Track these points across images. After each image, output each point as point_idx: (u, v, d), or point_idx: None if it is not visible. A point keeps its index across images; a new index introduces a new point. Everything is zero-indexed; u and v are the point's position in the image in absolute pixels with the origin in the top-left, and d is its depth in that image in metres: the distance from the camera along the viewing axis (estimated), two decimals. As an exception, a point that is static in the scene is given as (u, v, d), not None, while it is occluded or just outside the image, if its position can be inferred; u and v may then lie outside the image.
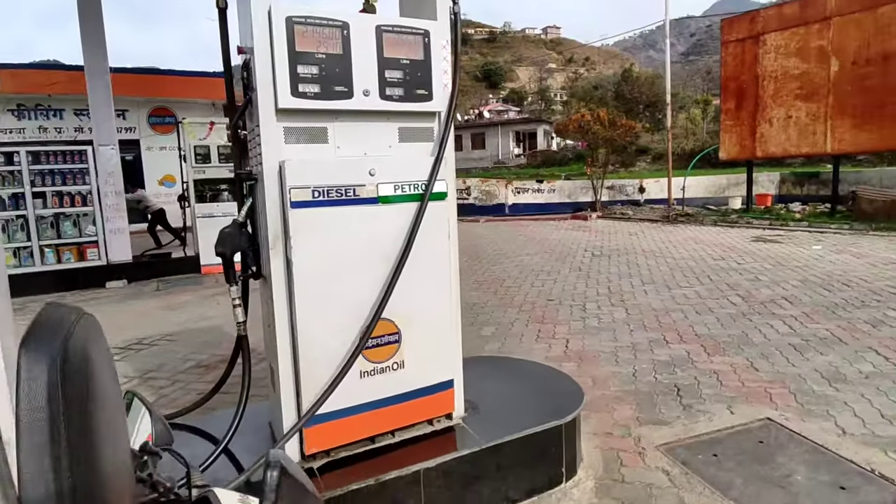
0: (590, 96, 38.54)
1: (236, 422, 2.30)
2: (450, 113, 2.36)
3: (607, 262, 8.15)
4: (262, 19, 1.97)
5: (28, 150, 7.67)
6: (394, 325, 2.29)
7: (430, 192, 2.28)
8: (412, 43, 2.23)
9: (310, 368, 2.12)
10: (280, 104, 2.01)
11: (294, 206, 2.04)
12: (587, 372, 3.91)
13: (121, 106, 14.42)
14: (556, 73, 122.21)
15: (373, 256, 2.21)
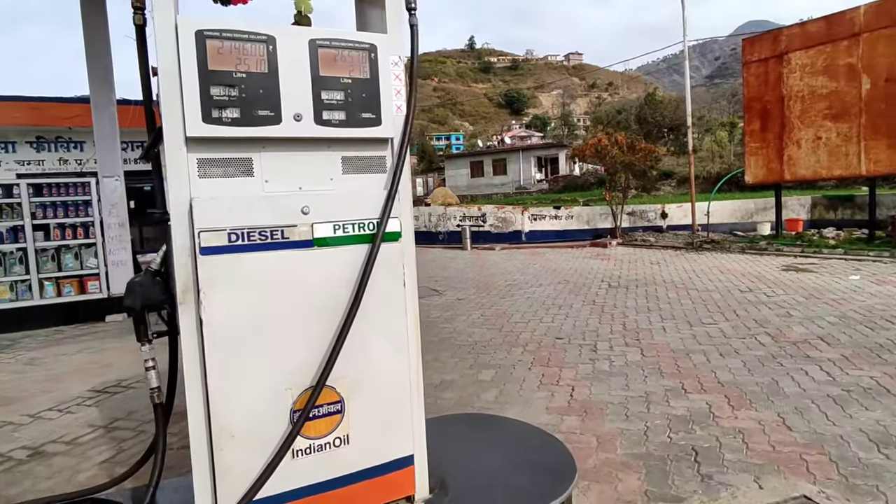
0: (613, 121, 38.13)
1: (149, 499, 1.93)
2: (404, 139, 2.01)
3: (624, 295, 7.63)
4: (168, 34, 1.66)
5: (28, 183, 7.63)
6: (335, 392, 1.91)
7: (383, 232, 1.92)
8: (355, 59, 1.90)
9: (227, 446, 1.75)
10: (189, 132, 1.68)
11: (204, 253, 1.70)
12: (591, 429, 3.43)
13: (139, 137, 14.62)
14: (579, 99, 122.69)
15: (308, 312, 1.85)
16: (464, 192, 42.48)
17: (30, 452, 3.54)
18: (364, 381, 1.96)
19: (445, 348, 5.44)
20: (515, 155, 46.37)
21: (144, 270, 1.90)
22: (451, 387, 4.32)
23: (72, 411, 4.27)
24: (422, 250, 15.70)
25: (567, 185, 37.07)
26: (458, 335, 5.92)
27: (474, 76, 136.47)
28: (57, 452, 3.54)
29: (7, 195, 7.56)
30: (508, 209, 15.94)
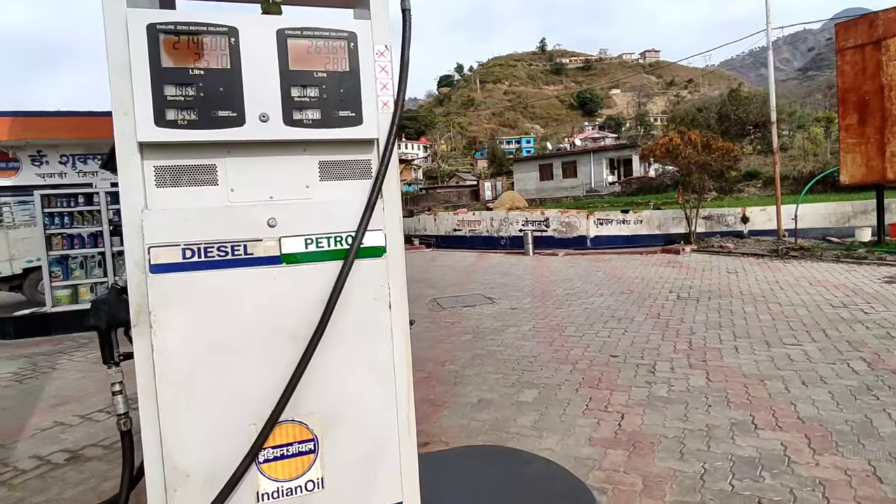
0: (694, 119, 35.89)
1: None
2: (390, 140, 1.75)
3: (694, 308, 6.93)
4: (118, 29, 1.51)
5: (106, 191, 8.14)
6: (307, 429, 1.68)
7: (358, 247, 1.67)
8: (332, 50, 1.67)
9: (182, 487, 1.57)
10: (140, 136, 1.52)
11: (155, 271, 1.53)
12: (638, 468, 2.99)
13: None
14: (656, 97, 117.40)
15: (275, 337, 1.63)
16: (532, 195, 41.67)
17: (68, 456, 3.62)
18: (341, 417, 1.71)
19: (489, 362, 5.13)
20: (586, 157, 44.89)
21: (111, 287, 1.77)
22: (488, 407, 4.00)
23: (117, 414, 4.37)
24: (482, 256, 15.41)
25: (641, 188, 35.35)
26: (506, 348, 5.58)
27: (546, 78, 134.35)
28: (93, 457, 3.59)
29: (88, 203, 8.11)
30: (573, 213, 15.25)
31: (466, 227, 17.49)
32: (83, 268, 8.04)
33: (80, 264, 8.00)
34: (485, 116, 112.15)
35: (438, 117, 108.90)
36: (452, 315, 7.46)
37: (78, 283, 7.99)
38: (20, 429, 4.14)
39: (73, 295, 7.99)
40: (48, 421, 4.28)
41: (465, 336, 6.20)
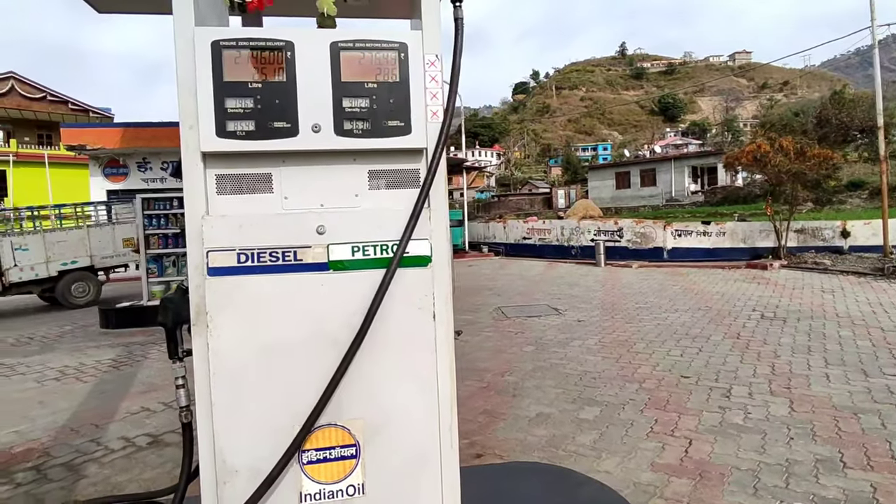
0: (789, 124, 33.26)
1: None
2: (439, 149, 1.74)
3: (780, 329, 6.39)
4: (186, 46, 1.62)
5: (196, 197, 8.78)
6: (349, 434, 1.70)
7: (402, 256, 1.68)
8: (382, 61, 1.70)
9: (230, 482, 1.64)
10: (203, 147, 1.62)
11: (212, 274, 1.62)
12: (703, 500, 2.79)
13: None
14: (746, 102, 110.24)
15: (320, 341, 1.67)
16: (607, 204, 40.40)
17: (150, 440, 3.92)
18: (383, 425, 1.72)
19: (551, 376, 4.99)
20: (666, 164, 42.90)
21: (177, 287, 1.89)
22: (546, 422, 3.90)
23: (194, 404, 4.68)
24: (552, 265, 15.09)
25: (726, 197, 33.24)
26: (569, 362, 5.41)
27: (625, 83, 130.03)
28: (171, 443, 3.86)
29: (181, 206, 8.78)
30: (648, 223, 14.57)
31: (536, 235, 17.22)
32: (175, 266, 8.72)
33: (172, 262, 8.68)
34: (560, 123, 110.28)
35: (512, 125, 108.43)
36: (516, 325, 7.36)
37: (170, 280, 8.68)
38: (114, 411, 4.54)
39: (166, 290, 8.68)
40: (137, 406, 4.66)
41: (528, 347, 6.09)
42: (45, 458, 3.68)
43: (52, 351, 7.07)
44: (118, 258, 12.07)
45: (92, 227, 11.99)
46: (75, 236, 11.58)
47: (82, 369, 6.02)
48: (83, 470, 3.48)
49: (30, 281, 10.90)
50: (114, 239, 11.99)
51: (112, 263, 12.15)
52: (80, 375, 5.76)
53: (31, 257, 10.87)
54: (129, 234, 11.78)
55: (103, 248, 11.86)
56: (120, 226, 12.27)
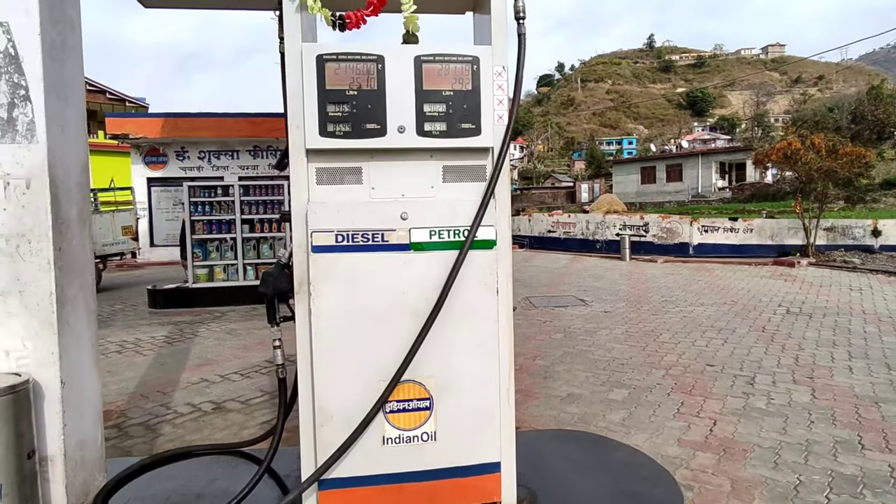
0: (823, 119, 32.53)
1: (265, 464, 2.24)
2: (503, 148, 2.03)
3: (805, 324, 6.52)
4: (295, 59, 1.92)
5: (240, 184, 9.21)
6: (424, 389, 2.01)
7: (473, 240, 1.97)
8: (458, 72, 1.98)
9: (327, 425, 1.96)
10: (308, 144, 1.93)
11: (315, 251, 1.93)
12: (727, 471, 3.03)
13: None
14: (778, 96, 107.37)
15: (402, 310, 1.98)
16: (632, 199, 40.08)
17: (214, 406, 4.31)
18: (452, 383, 2.02)
19: (580, 361, 5.25)
20: (693, 160, 42.33)
21: (276, 263, 2.21)
22: (578, 401, 4.16)
23: (250, 377, 5.07)
24: (576, 259, 15.24)
25: (754, 194, 32.73)
26: (596, 349, 5.66)
27: (652, 76, 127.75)
28: (233, 409, 4.24)
29: (225, 194, 9.23)
30: (675, 219, 14.61)
31: (561, 228, 17.37)
32: (218, 251, 9.17)
33: (216, 247, 9.14)
34: (585, 116, 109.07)
35: (536, 117, 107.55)
36: (544, 314, 7.61)
37: (213, 264, 9.14)
38: (176, 381, 4.96)
39: (209, 274, 9.15)
40: (196, 377, 5.07)
41: (556, 335, 6.34)
42: (123, 418, 4.10)
43: (108, 327, 7.58)
44: (117, 246, 11.87)
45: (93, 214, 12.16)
46: None
47: (140, 344, 6.48)
48: (159, 430, 3.88)
49: None
50: (113, 226, 11.78)
51: (111, 251, 11.92)
52: (139, 349, 6.21)
53: None
54: (128, 221, 11.78)
55: (103, 235, 11.51)
56: (119, 213, 11.99)
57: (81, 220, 2.23)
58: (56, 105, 2.06)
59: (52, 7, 2.05)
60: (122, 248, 12.23)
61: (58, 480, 2.03)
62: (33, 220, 1.98)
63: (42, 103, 1.98)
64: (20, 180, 1.97)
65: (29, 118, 1.97)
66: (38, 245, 1.99)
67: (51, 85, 2.02)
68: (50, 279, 2.00)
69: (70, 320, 2.10)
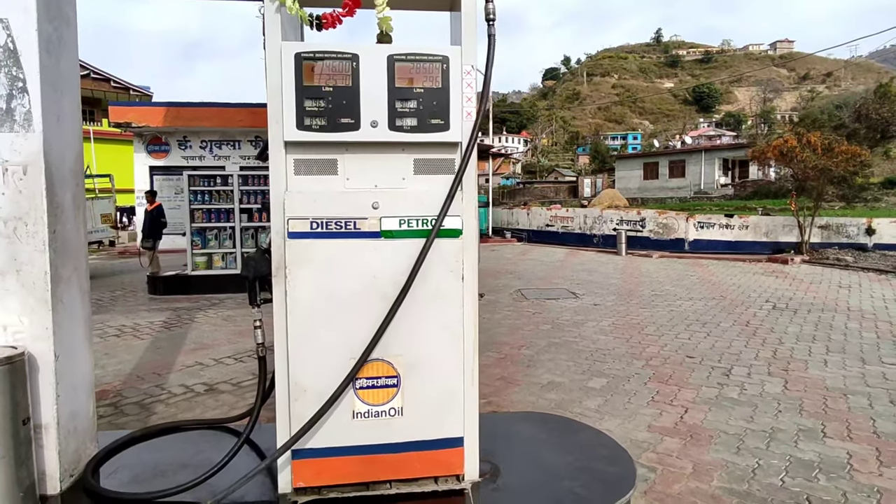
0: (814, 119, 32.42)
1: (244, 436, 2.39)
2: (471, 143, 2.16)
3: (788, 319, 6.64)
4: (274, 57, 2.05)
5: (239, 174, 9.35)
6: (392, 367, 2.16)
7: (439, 229, 2.11)
8: (428, 70, 2.11)
9: (301, 399, 2.11)
10: (286, 137, 2.06)
11: (291, 237, 2.07)
12: (691, 455, 3.18)
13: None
14: (786, 93, 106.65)
15: (372, 293, 2.12)
16: (634, 194, 40.06)
17: (206, 388, 4.47)
18: (419, 362, 2.17)
19: (564, 351, 5.39)
20: (696, 156, 42.21)
21: (257, 248, 2.35)
22: (557, 389, 4.31)
23: (243, 361, 5.23)
24: (573, 253, 15.36)
25: (756, 191, 32.66)
26: (581, 340, 5.80)
27: (659, 71, 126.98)
28: (225, 391, 4.41)
29: (224, 183, 9.37)
30: (671, 214, 14.69)
31: (559, 222, 17.48)
32: (217, 239, 9.33)
33: (215, 236, 9.29)
34: (590, 111, 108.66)
35: (541, 111, 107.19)
36: (535, 306, 7.75)
37: (212, 252, 9.30)
38: (171, 364, 5.12)
39: (208, 262, 9.32)
40: (190, 360, 5.23)
41: (545, 326, 6.48)
42: (119, 397, 4.27)
43: (108, 312, 7.75)
44: (96, 234, 11.57)
45: None
46: None
47: (138, 328, 6.65)
48: (153, 408, 4.04)
49: None
50: (93, 214, 11.50)
51: (91, 240, 11.82)
52: (137, 334, 6.39)
53: None
54: (107, 209, 11.60)
55: None
56: (99, 201, 11.63)
57: (75, 206, 2.37)
58: (52, 97, 2.19)
59: (48, 4, 2.18)
60: (101, 237, 11.91)
61: (51, 447, 2.18)
62: (30, 204, 2.12)
63: (38, 95, 2.11)
64: (17, 167, 2.10)
65: (26, 108, 2.11)
66: (35, 228, 2.13)
67: (47, 78, 2.15)
68: (45, 260, 2.14)
69: (64, 298, 2.24)
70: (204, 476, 2.17)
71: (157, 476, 2.34)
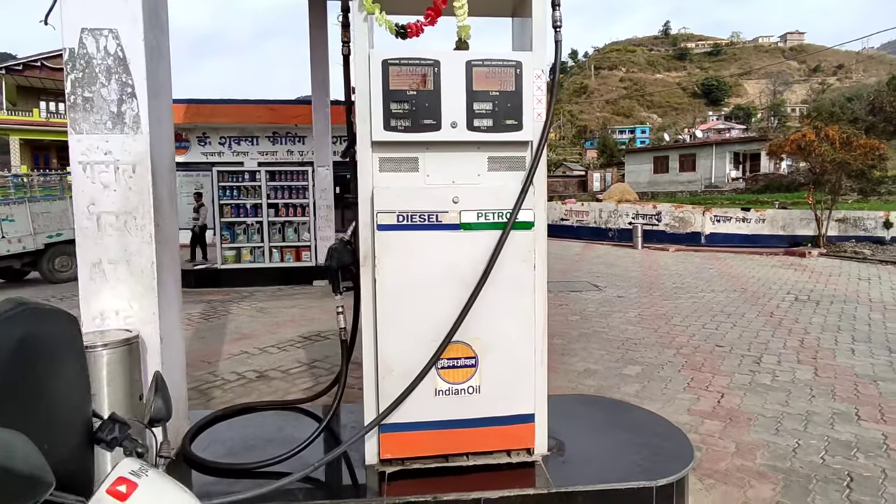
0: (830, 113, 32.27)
1: (330, 415, 2.59)
2: (541, 141, 2.33)
3: (812, 310, 6.77)
4: (363, 63, 2.23)
5: (266, 170, 9.57)
6: (471, 349, 2.34)
7: (514, 222, 2.28)
8: (503, 75, 2.28)
9: (388, 377, 2.29)
10: (374, 137, 2.24)
11: (380, 229, 2.25)
12: (732, 436, 3.35)
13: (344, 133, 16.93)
14: (796, 86, 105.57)
15: (452, 280, 2.30)
16: (644, 188, 40.00)
17: (257, 375, 4.69)
18: (494, 345, 2.35)
19: (595, 340, 5.56)
20: (707, 150, 42.05)
21: (339, 240, 2.54)
22: (594, 376, 4.49)
23: (286, 350, 5.45)
24: (589, 246, 15.49)
25: (768, 185, 32.59)
26: (611, 330, 5.97)
27: (667, 64, 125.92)
28: (275, 377, 4.62)
29: (252, 179, 9.59)
30: (687, 208, 14.78)
31: (574, 217, 17.60)
32: (246, 233, 9.56)
33: (243, 230, 9.52)
34: (597, 104, 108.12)
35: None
36: (559, 298, 7.92)
37: (241, 247, 9.54)
38: (218, 353, 5.35)
39: (237, 256, 9.56)
40: (236, 350, 5.46)
41: (573, 317, 6.66)
42: (176, 384, 4.48)
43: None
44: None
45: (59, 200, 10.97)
46: (58, 207, 10.71)
47: (178, 320, 6.89)
48: (210, 393, 4.26)
49: (14, 254, 10.11)
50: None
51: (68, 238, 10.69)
52: (178, 325, 6.62)
53: (18, 228, 10.08)
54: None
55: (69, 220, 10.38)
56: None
57: (170, 200, 2.56)
58: (154, 101, 2.38)
59: (150, 14, 2.37)
60: None
61: (157, 422, 2.38)
62: (138, 199, 2.32)
63: (145, 99, 2.30)
64: (128, 165, 2.30)
65: (135, 112, 2.30)
66: (142, 221, 2.33)
67: (151, 84, 2.34)
68: (151, 250, 2.34)
69: (165, 286, 2.44)
70: (297, 449, 2.37)
71: (248, 450, 2.54)
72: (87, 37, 2.24)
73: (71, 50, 2.23)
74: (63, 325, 0.90)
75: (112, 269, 2.31)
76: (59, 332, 0.89)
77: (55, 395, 0.87)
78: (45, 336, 0.85)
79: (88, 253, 2.30)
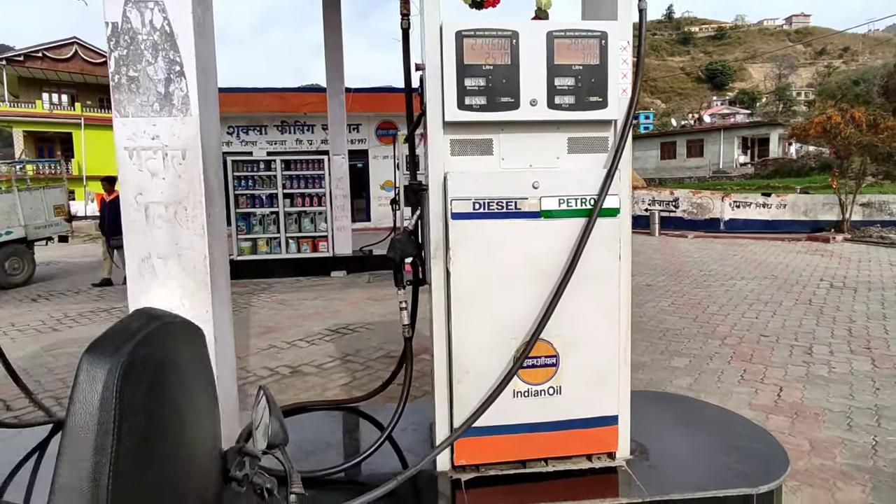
0: (849, 93, 31.77)
1: (395, 418, 2.41)
2: (627, 121, 2.13)
3: (851, 298, 6.57)
4: (434, 36, 2.02)
5: (281, 159, 9.36)
6: (552, 347, 2.16)
7: (600, 208, 2.09)
8: (587, 47, 2.07)
9: (463, 379, 2.12)
10: (447, 117, 2.04)
11: (454, 218, 2.06)
12: (803, 433, 3.18)
13: (355, 121, 16.69)
14: (801, 69, 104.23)
15: (532, 273, 2.11)
16: (651, 175, 39.63)
17: (290, 370, 4.53)
18: (577, 342, 2.16)
19: (635, 331, 5.24)
20: (715, 135, 41.61)
21: (403, 230, 2.35)
22: (643, 369, 4.32)
23: (315, 344, 5.29)
24: (604, 234, 15.26)
25: (778, 170, 32.24)
26: (648, 320, 5.79)
27: (671, 49, 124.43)
28: (309, 373, 4.46)
29: (266, 169, 9.39)
30: (706, 194, 14.52)
31: (587, 204, 17.36)
32: (262, 224, 9.38)
33: (259, 221, 9.34)
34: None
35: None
36: (586, 287, 7.73)
37: (257, 238, 9.36)
38: (246, 347, 5.19)
39: (253, 247, 9.39)
40: (264, 344, 5.30)
41: (604, 307, 6.47)
42: (208, 381, 4.33)
43: (162, 299, 7.84)
44: (50, 228, 10.09)
45: (23, 192, 9.84)
46: (6, 202, 9.28)
47: (198, 314, 6.73)
48: (245, 390, 4.10)
49: None
50: (45, 206, 9.95)
51: (44, 234, 10.00)
52: (200, 319, 6.46)
53: None
54: (59, 199, 10.18)
55: (35, 216, 9.67)
56: (50, 191, 10.31)
57: (220, 189, 2.37)
58: (202, 80, 2.18)
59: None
60: (54, 231, 10.20)
61: (213, 428, 2.21)
62: (189, 188, 2.13)
63: (195, 78, 2.10)
64: (177, 151, 2.11)
65: (184, 93, 2.10)
66: (194, 212, 2.14)
67: (199, 61, 2.14)
68: (204, 244, 2.15)
69: (217, 282, 2.26)
70: (364, 454, 2.20)
71: (308, 455, 2.38)
72: (131, 10, 2.03)
73: (114, 24, 2.03)
74: (194, 339, 0.72)
75: (162, 263, 2.13)
76: (194, 351, 0.71)
77: (195, 430, 0.70)
78: (182, 357, 0.67)
79: (137, 247, 2.11)
